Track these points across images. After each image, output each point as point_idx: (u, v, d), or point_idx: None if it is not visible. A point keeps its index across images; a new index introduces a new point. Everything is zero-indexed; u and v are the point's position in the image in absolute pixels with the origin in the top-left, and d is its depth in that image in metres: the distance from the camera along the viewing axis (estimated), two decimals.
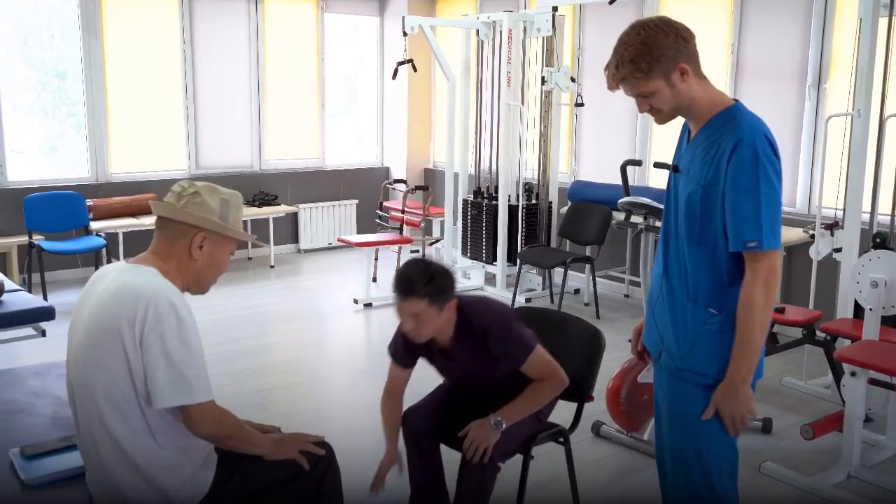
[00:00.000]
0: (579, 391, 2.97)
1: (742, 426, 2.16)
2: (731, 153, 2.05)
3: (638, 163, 4.68)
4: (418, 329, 2.60)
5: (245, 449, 2.24)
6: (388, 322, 6.01)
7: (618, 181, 6.11)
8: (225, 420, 2.18)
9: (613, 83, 2.13)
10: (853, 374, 3.44)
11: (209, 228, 2.19)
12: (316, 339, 5.69)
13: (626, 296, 6.70)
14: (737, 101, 2.16)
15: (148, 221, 6.69)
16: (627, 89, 2.13)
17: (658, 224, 3.89)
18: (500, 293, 6.57)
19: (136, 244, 6.47)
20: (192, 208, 2.18)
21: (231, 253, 2.31)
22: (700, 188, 2.13)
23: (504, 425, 2.64)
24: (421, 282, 2.55)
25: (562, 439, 2.98)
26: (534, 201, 6.77)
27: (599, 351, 3.01)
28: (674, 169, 2.27)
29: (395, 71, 6.54)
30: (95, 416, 2.07)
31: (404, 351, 2.84)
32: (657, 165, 4.02)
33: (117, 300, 2.07)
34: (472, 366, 2.74)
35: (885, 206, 4.66)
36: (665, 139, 6.45)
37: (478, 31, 6.89)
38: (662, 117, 2.18)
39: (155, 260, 2.19)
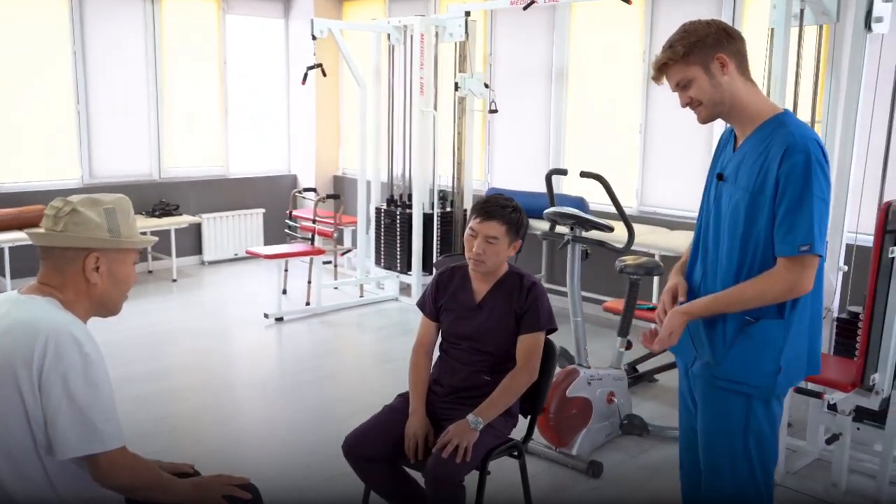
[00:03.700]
0: (533, 404, 2.92)
1: (659, 345, 2.20)
2: (783, 159, 2.05)
3: (563, 172, 4.62)
4: (485, 255, 2.74)
5: (162, 499, 2.01)
6: (301, 337, 5.77)
7: (533, 188, 6.07)
8: (138, 469, 1.95)
9: (656, 71, 2.17)
10: None
11: (100, 247, 1.96)
12: (225, 358, 5.39)
13: None
14: (785, 110, 2.17)
15: None
16: (668, 78, 2.17)
17: (585, 234, 3.83)
18: (414, 304, 6.42)
19: (24, 260, 6.01)
20: (74, 229, 1.93)
21: (134, 262, 2.08)
22: (748, 195, 2.13)
23: (482, 424, 2.65)
24: (507, 209, 2.75)
25: (516, 453, 2.91)
26: (448, 209, 6.66)
27: (552, 361, 2.94)
28: (718, 177, 2.26)
29: (305, 76, 6.31)
30: None
31: (432, 302, 2.93)
32: (584, 175, 3.96)
33: (11, 337, 1.83)
34: (492, 320, 2.82)
35: None
36: (579, 147, 6.46)
37: (389, 35, 6.75)
38: (703, 111, 2.18)
39: (50, 290, 1.94)
